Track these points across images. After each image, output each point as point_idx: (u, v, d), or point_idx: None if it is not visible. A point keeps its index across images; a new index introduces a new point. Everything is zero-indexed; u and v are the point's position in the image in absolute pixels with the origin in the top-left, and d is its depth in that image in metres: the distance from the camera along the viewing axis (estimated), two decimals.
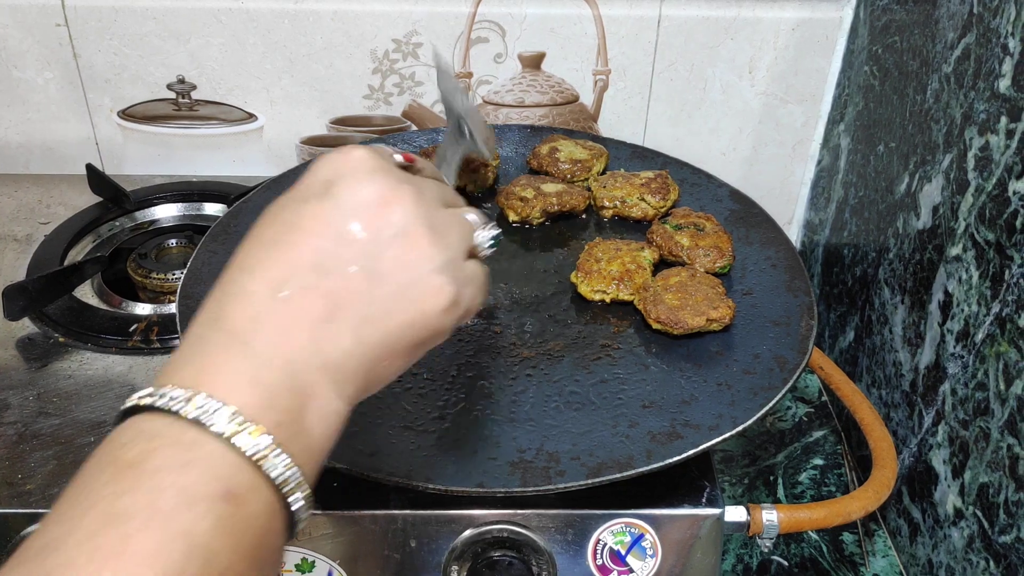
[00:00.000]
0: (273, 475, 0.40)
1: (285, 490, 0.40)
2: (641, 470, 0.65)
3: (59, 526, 0.36)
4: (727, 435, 0.68)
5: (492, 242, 0.52)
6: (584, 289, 0.81)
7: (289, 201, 0.46)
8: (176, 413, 0.39)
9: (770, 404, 0.70)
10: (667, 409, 0.70)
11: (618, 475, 0.64)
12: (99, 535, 0.35)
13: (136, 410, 0.40)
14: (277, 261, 0.44)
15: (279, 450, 0.40)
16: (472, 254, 0.51)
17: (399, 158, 0.52)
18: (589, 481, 0.64)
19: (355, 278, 0.44)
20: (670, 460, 0.65)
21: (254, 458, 0.39)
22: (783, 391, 0.71)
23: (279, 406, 0.41)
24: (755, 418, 0.69)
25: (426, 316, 0.46)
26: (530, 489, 0.63)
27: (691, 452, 0.66)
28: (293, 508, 0.41)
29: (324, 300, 0.43)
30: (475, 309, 0.50)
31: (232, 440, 0.39)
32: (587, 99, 1.18)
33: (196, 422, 0.39)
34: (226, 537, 0.37)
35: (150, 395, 0.40)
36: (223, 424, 0.39)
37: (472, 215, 0.52)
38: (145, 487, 0.37)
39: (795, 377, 0.73)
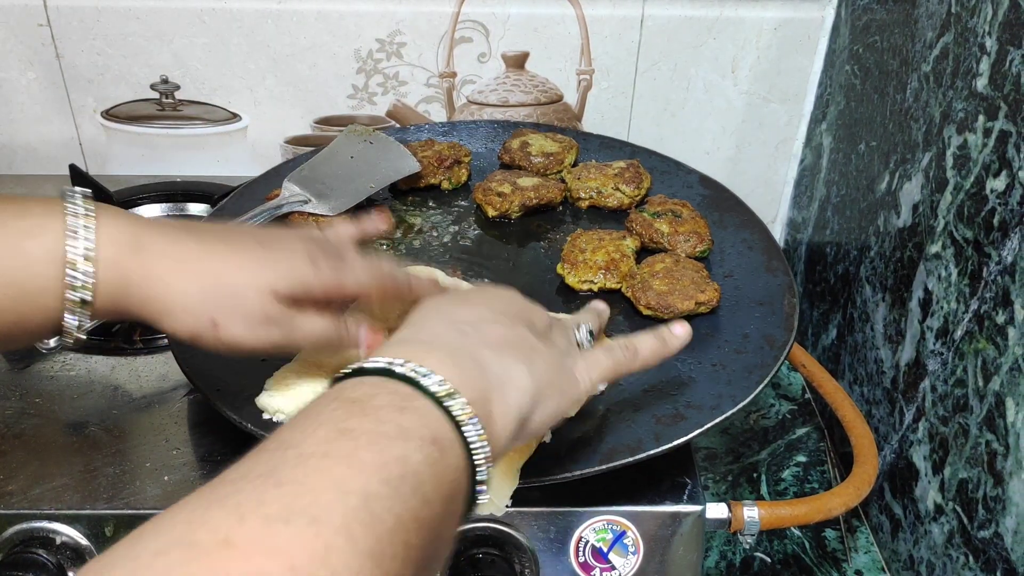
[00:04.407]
0: (470, 439, 0.45)
1: (476, 458, 0.46)
2: (652, 452, 0.66)
3: (294, 433, 0.42)
4: (729, 413, 0.69)
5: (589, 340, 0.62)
6: (571, 280, 0.82)
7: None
8: (393, 372, 0.46)
9: (766, 380, 0.72)
10: (667, 392, 0.71)
11: (631, 459, 0.65)
12: (332, 443, 0.41)
13: (354, 374, 0.47)
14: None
15: (477, 419, 0.46)
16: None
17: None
18: (603, 467, 0.64)
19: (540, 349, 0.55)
20: (678, 440, 0.66)
21: (458, 418, 0.45)
22: (776, 367, 0.73)
23: (473, 387, 0.47)
24: (754, 394, 0.70)
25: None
26: (547, 478, 0.64)
27: (697, 432, 0.67)
28: (477, 477, 0.46)
29: (516, 346, 0.54)
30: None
31: (443, 402, 0.45)
32: (571, 99, 1.18)
33: (411, 381, 0.45)
34: (431, 473, 0.42)
35: (368, 362, 0.47)
36: (435, 386, 0.46)
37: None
38: (370, 417, 0.43)
39: (785, 353, 0.74)
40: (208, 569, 0.34)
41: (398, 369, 0.46)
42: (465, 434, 0.45)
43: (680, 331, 0.64)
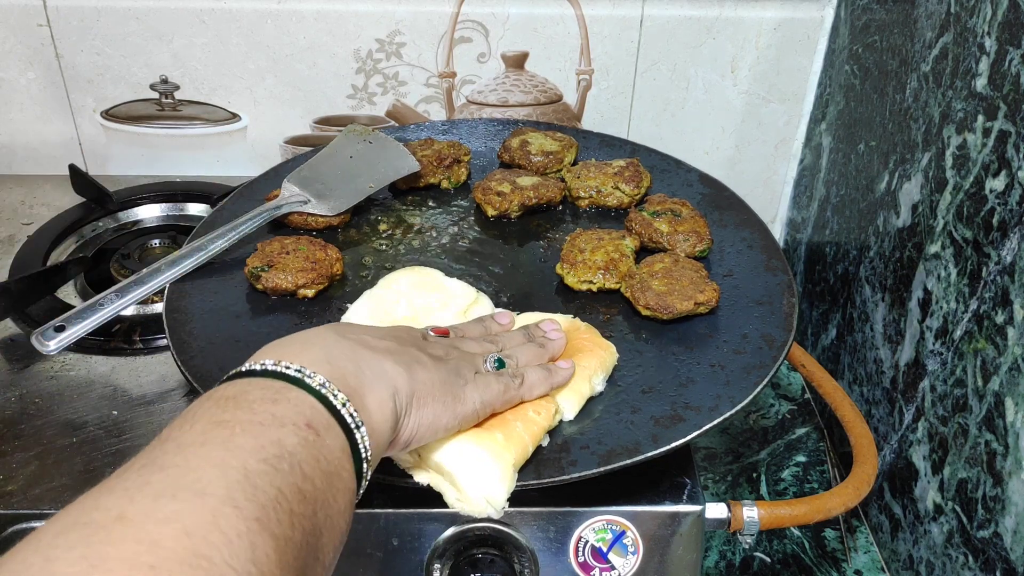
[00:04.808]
0: (347, 421, 0.50)
1: (355, 437, 0.50)
2: (650, 454, 0.65)
3: (172, 431, 0.45)
4: (728, 414, 0.68)
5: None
6: (571, 280, 0.82)
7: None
8: (268, 372, 0.50)
9: (765, 381, 0.71)
10: (666, 393, 0.71)
11: (628, 460, 0.65)
12: (208, 433, 0.44)
13: (232, 378, 0.50)
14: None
15: (349, 403, 0.50)
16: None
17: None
18: (602, 468, 0.64)
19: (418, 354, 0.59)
20: (676, 443, 0.66)
21: (332, 404, 0.49)
22: (775, 368, 0.73)
23: (346, 382, 0.52)
24: (752, 395, 0.70)
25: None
26: (545, 480, 0.64)
27: (695, 433, 0.67)
28: (362, 456, 0.50)
29: (400, 352, 0.58)
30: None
31: (317, 391, 0.49)
32: (571, 98, 1.18)
33: (283, 376, 0.50)
34: (308, 453, 0.46)
35: (246, 366, 0.51)
36: (306, 379, 0.50)
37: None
38: (244, 409, 0.46)
39: (784, 353, 0.74)
40: (106, 540, 0.37)
41: (270, 367, 0.50)
42: (343, 417, 0.50)
43: (565, 365, 0.68)
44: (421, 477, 0.62)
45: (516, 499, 0.62)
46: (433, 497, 0.62)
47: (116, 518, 0.38)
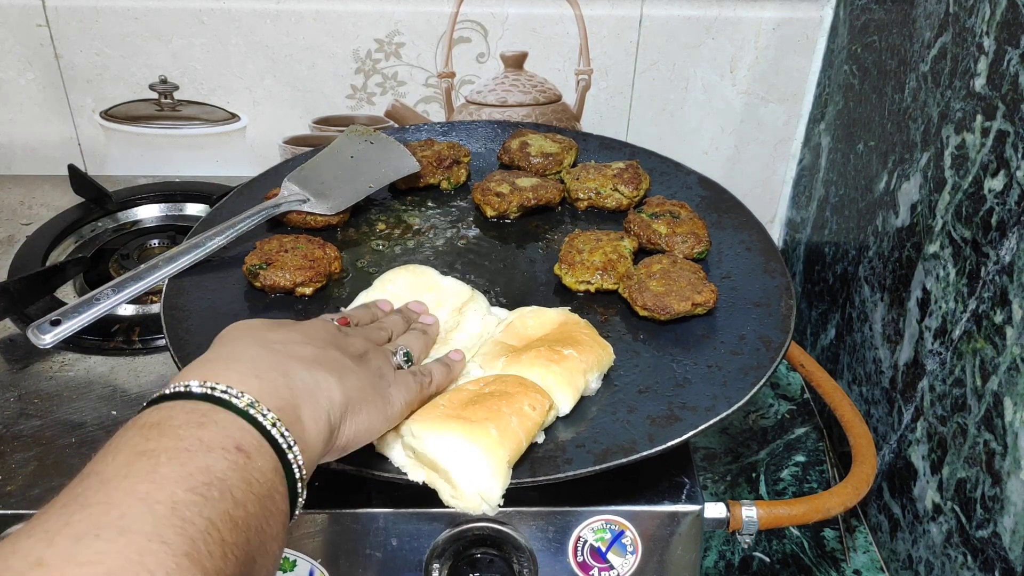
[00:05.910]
0: (278, 442, 0.48)
1: (287, 457, 0.49)
2: (645, 453, 0.65)
3: (94, 464, 0.43)
4: (724, 414, 0.69)
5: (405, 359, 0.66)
6: (569, 280, 0.82)
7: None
8: (193, 395, 0.48)
9: (761, 382, 0.71)
10: (663, 393, 0.71)
11: (624, 459, 0.65)
12: (131, 465, 0.43)
13: (156, 402, 0.49)
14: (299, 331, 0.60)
15: (280, 423, 0.49)
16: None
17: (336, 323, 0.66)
18: (597, 467, 0.64)
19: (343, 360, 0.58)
20: (672, 442, 0.66)
21: (262, 424, 0.48)
22: (771, 369, 0.73)
23: (278, 396, 0.50)
24: (749, 396, 0.70)
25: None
26: (540, 478, 0.64)
27: (691, 433, 0.67)
28: (295, 476, 0.49)
29: (324, 362, 0.56)
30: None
31: (245, 411, 0.48)
32: (570, 99, 1.18)
33: (211, 398, 0.48)
34: (240, 477, 0.45)
35: (165, 389, 0.49)
36: (233, 399, 0.48)
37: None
38: (168, 436, 0.45)
39: (781, 355, 0.74)
40: None
41: (195, 389, 0.48)
42: (274, 437, 0.48)
43: (457, 357, 0.70)
44: (416, 475, 0.62)
45: (514, 499, 0.62)
46: (432, 497, 0.62)
47: (34, 563, 0.36)
